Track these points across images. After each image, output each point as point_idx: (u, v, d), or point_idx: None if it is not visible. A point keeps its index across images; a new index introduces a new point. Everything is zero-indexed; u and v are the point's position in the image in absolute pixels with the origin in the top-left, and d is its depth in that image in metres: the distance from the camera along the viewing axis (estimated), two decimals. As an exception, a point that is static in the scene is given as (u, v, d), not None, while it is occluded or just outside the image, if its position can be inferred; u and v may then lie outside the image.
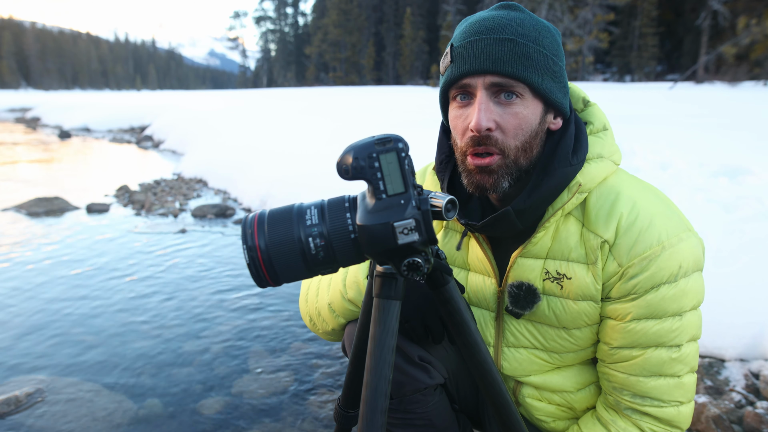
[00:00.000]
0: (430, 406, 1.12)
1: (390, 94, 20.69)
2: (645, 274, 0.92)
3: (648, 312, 0.93)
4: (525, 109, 0.91)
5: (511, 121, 0.90)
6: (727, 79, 21.77)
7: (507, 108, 0.90)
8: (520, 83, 0.89)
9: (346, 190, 3.99)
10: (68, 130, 16.37)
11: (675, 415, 0.97)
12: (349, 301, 1.13)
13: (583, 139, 0.98)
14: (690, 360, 0.97)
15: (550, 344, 1.06)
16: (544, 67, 0.90)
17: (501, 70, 0.88)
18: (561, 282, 1.00)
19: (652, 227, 0.92)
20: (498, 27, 0.90)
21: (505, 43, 0.88)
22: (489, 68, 0.88)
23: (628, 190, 0.97)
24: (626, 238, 0.93)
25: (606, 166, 0.98)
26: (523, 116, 0.90)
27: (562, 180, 0.94)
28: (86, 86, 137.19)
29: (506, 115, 0.90)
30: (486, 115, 0.89)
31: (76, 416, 1.98)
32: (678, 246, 0.92)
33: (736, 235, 2.85)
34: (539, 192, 0.93)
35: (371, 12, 61.02)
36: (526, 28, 0.90)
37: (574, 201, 0.95)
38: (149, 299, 3.11)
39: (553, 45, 0.92)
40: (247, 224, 0.73)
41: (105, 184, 7.00)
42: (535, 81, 0.89)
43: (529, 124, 0.91)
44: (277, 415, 1.99)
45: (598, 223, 0.95)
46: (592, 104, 1.05)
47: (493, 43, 0.88)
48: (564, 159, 0.94)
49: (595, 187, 0.97)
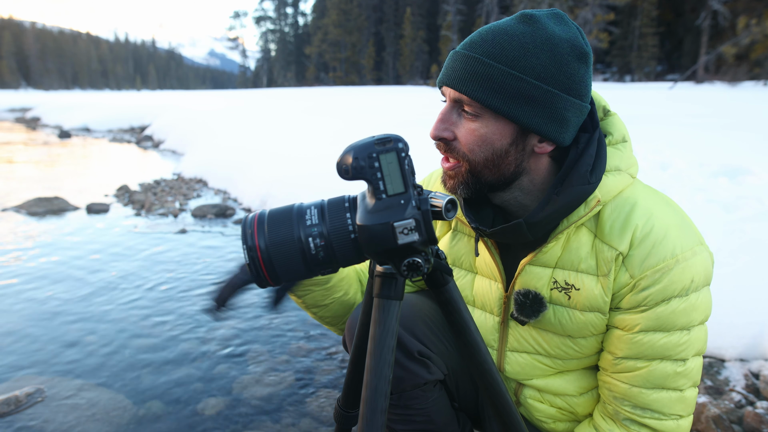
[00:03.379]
0: (429, 402, 1.12)
1: (390, 94, 20.69)
2: (657, 287, 0.91)
3: (657, 324, 0.92)
4: (484, 128, 0.90)
5: (467, 136, 0.91)
6: (727, 79, 21.78)
7: (466, 123, 0.91)
8: (476, 103, 0.88)
9: (346, 190, 3.99)
10: (68, 130, 16.36)
11: (674, 429, 0.96)
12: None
13: (603, 156, 0.95)
14: (694, 375, 0.96)
15: (554, 351, 1.06)
16: (513, 91, 0.86)
17: (456, 88, 0.89)
18: (569, 292, 0.99)
19: (666, 240, 0.91)
20: (478, 43, 0.88)
21: (470, 61, 0.88)
22: (448, 83, 0.90)
23: (643, 201, 0.96)
24: (640, 249, 0.92)
25: (623, 179, 0.96)
26: (480, 134, 0.90)
27: (579, 197, 0.92)
28: (86, 86, 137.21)
29: (463, 129, 0.92)
30: (441, 125, 0.93)
31: (76, 416, 1.98)
32: (691, 260, 0.91)
33: (736, 235, 2.85)
34: (553, 206, 0.92)
35: (371, 12, 61.02)
36: (510, 47, 0.85)
37: (590, 214, 0.94)
38: (149, 299, 3.11)
39: (545, 68, 0.85)
40: (246, 224, 0.73)
41: (105, 184, 6.99)
42: (492, 104, 0.86)
43: (490, 143, 0.90)
44: (277, 415, 1.99)
45: (612, 235, 0.94)
46: (612, 114, 1.03)
47: (461, 59, 0.89)
48: (582, 177, 0.92)
49: (610, 200, 0.96)
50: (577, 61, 0.88)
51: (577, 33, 0.89)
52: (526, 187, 0.98)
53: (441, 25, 45.64)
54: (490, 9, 37.50)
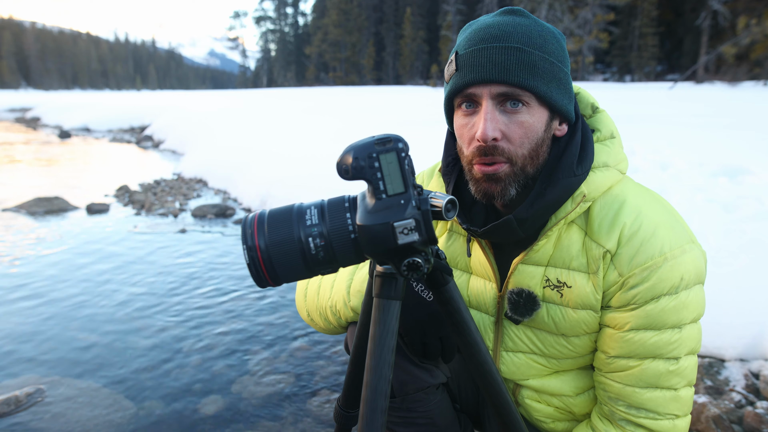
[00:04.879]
0: (432, 404, 1.12)
1: (390, 94, 20.70)
2: (645, 285, 0.91)
3: (647, 323, 0.92)
4: (531, 117, 0.90)
5: (517, 130, 0.90)
6: (727, 79, 21.77)
7: (513, 117, 0.89)
8: (527, 92, 0.88)
9: (346, 190, 3.99)
10: (68, 130, 16.37)
11: (670, 428, 0.96)
12: (351, 309, 1.13)
13: (589, 148, 0.96)
14: (688, 373, 0.95)
15: (549, 350, 1.06)
16: (550, 75, 0.89)
17: (508, 80, 0.87)
18: (561, 290, 0.99)
19: (654, 237, 0.91)
20: (504, 35, 0.88)
21: (512, 51, 0.87)
22: (496, 77, 0.87)
23: (632, 199, 0.96)
24: (628, 247, 0.92)
25: (611, 175, 0.96)
26: (529, 125, 0.90)
27: (566, 190, 0.92)
28: (86, 86, 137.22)
29: (512, 124, 0.89)
30: (492, 125, 0.88)
31: (76, 416, 1.98)
32: (680, 258, 0.91)
33: (736, 235, 2.85)
34: (541, 201, 0.92)
35: (371, 12, 61.01)
36: (532, 35, 0.88)
37: (577, 210, 0.94)
38: (149, 299, 3.11)
39: (559, 51, 0.91)
40: (247, 224, 0.73)
41: (105, 184, 7.00)
42: (541, 89, 0.88)
43: (535, 132, 0.91)
44: (277, 415, 1.99)
45: (600, 232, 0.94)
46: (601, 111, 1.04)
47: (499, 52, 0.87)
48: (568, 169, 0.93)
49: (599, 196, 0.96)
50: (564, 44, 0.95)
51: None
52: None
53: (441, 25, 45.63)
54: (490, 9, 37.50)
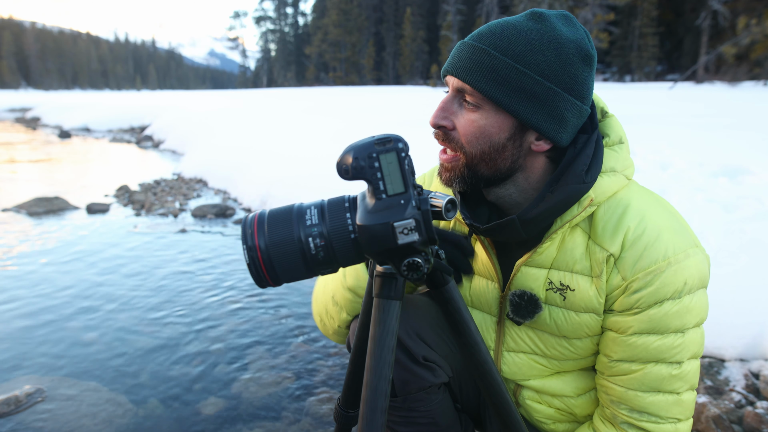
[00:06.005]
0: (433, 404, 1.12)
1: (390, 94, 20.70)
2: (649, 289, 0.91)
3: (650, 327, 0.92)
4: (483, 120, 0.90)
5: (466, 126, 0.92)
6: (727, 79, 21.78)
7: (468, 114, 0.92)
8: (478, 93, 0.89)
9: (346, 190, 3.99)
10: (68, 130, 16.37)
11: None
12: (348, 289, 1.12)
13: (600, 157, 0.96)
14: (690, 377, 0.95)
15: (550, 351, 1.06)
16: (516, 85, 0.86)
17: (460, 77, 0.90)
18: (564, 293, 0.99)
19: (659, 242, 0.91)
20: (485, 35, 0.89)
21: (476, 51, 0.88)
22: (453, 72, 0.91)
23: (637, 203, 0.95)
24: (632, 251, 0.92)
25: (618, 180, 0.96)
26: (479, 126, 0.91)
27: (573, 195, 0.92)
28: (86, 86, 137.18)
29: (463, 119, 0.92)
30: (442, 114, 0.93)
31: (76, 416, 1.98)
32: (684, 262, 0.91)
33: (736, 235, 2.85)
34: (546, 204, 0.92)
35: (371, 12, 61.02)
36: (517, 42, 0.86)
37: (583, 214, 0.94)
38: (149, 299, 3.11)
39: (550, 66, 0.86)
40: (247, 224, 0.73)
41: (105, 184, 6.99)
42: (494, 96, 0.87)
43: (489, 137, 0.91)
44: (277, 415, 1.99)
45: (604, 236, 0.94)
46: (610, 116, 1.03)
47: (467, 49, 0.90)
48: (577, 176, 0.92)
49: (604, 201, 0.96)
50: (582, 62, 0.89)
51: (584, 35, 0.90)
52: (521, 185, 0.98)
53: (441, 25, 45.63)
54: (490, 9, 37.50)
